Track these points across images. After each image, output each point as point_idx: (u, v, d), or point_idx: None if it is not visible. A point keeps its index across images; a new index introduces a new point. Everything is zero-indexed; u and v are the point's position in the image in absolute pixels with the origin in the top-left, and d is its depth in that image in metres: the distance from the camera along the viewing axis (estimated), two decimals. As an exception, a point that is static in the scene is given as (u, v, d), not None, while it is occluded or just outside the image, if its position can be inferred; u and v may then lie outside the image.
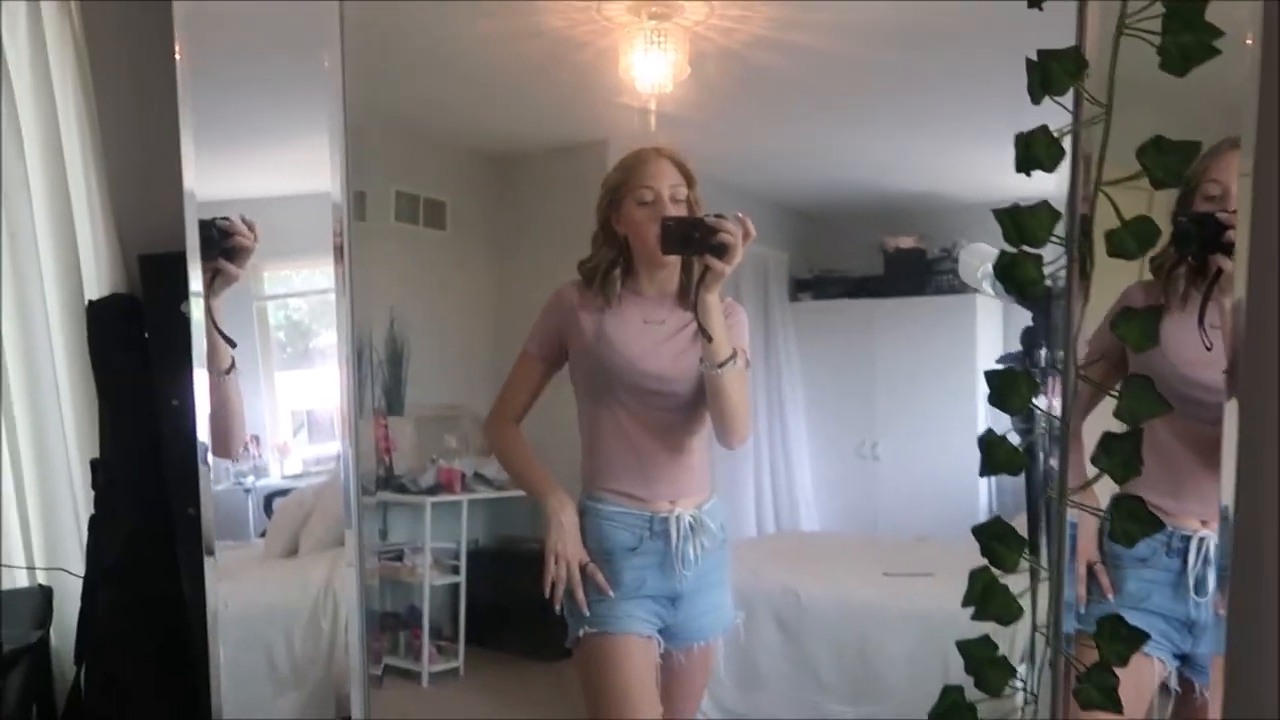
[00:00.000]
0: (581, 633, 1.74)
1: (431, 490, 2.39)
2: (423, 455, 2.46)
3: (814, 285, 3.28)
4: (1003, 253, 0.95)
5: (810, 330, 3.16)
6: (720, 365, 1.57)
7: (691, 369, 1.61)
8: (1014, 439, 1.03)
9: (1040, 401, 1.08)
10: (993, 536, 1.01)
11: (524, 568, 2.66)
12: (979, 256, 1.61)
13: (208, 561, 1.66)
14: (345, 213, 1.75)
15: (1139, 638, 0.97)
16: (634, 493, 1.67)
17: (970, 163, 2.90)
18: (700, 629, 1.73)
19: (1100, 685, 0.97)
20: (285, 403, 2.09)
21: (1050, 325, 1.33)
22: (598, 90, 2.21)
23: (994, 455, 1.01)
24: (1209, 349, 1.25)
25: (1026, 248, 0.93)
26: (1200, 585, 1.47)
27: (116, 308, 1.73)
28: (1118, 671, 1.10)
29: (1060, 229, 0.95)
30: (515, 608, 2.59)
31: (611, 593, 1.67)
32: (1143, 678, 1.43)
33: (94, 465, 1.74)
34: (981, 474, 1.03)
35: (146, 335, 1.70)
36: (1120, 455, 0.95)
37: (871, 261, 3.16)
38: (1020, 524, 2.48)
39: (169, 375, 1.64)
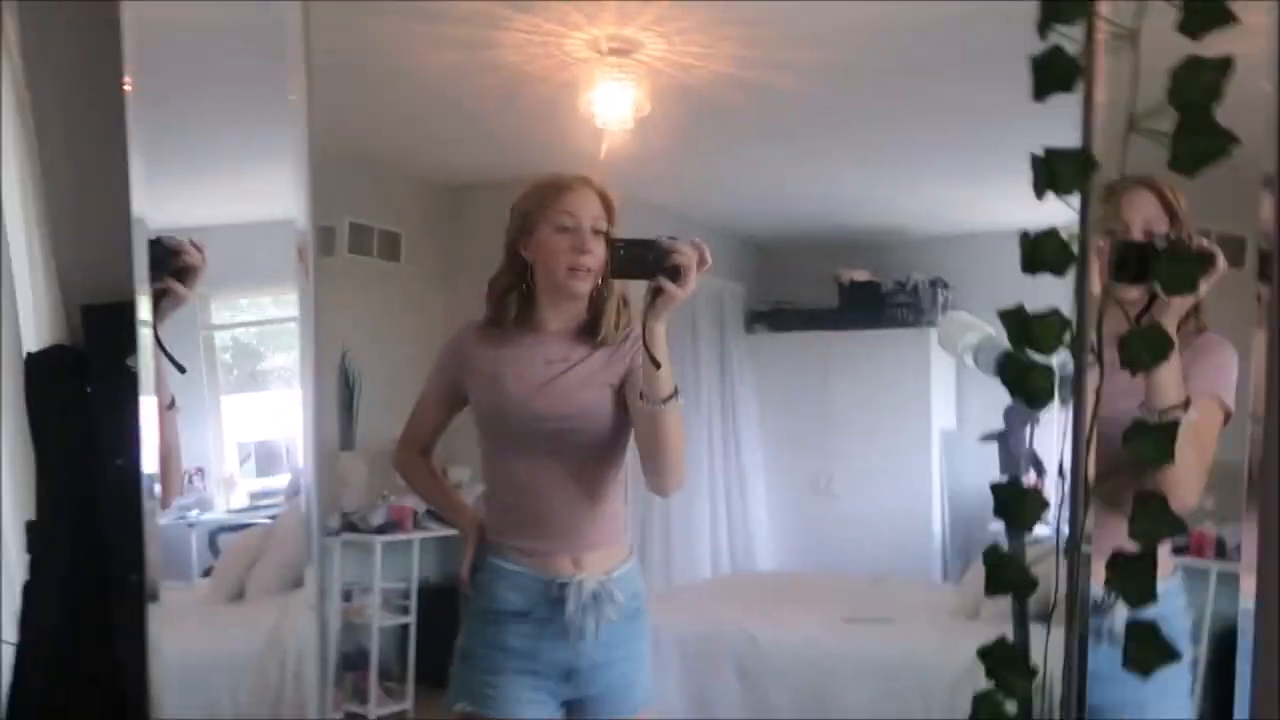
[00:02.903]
0: (459, 708, 1.54)
1: (382, 529, 2.34)
2: (373, 492, 2.41)
3: (769, 317, 3.28)
4: (1009, 356, 0.87)
5: (766, 362, 3.16)
6: (665, 400, 1.40)
7: (595, 407, 1.49)
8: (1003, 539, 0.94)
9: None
10: (998, 661, 0.91)
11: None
12: (960, 327, 1.53)
13: (151, 610, 1.58)
14: (311, 241, 1.69)
15: None
16: (531, 547, 1.51)
17: (923, 198, 2.93)
18: (607, 707, 1.52)
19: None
20: (231, 433, 2.03)
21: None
22: (556, 124, 2.19)
23: (1001, 574, 0.90)
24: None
25: (1035, 355, 0.84)
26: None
27: (56, 361, 1.64)
28: None
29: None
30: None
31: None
32: None
33: (29, 528, 1.66)
34: (988, 593, 0.93)
35: (89, 390, 1.62)
36: (1135, 578, 0.83)
37: (826, 294, 3.17)
38: (975, 573, 2.51)
39: (112, 433, 1.56)
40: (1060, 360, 0.83)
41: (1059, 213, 0.89)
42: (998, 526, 2.93)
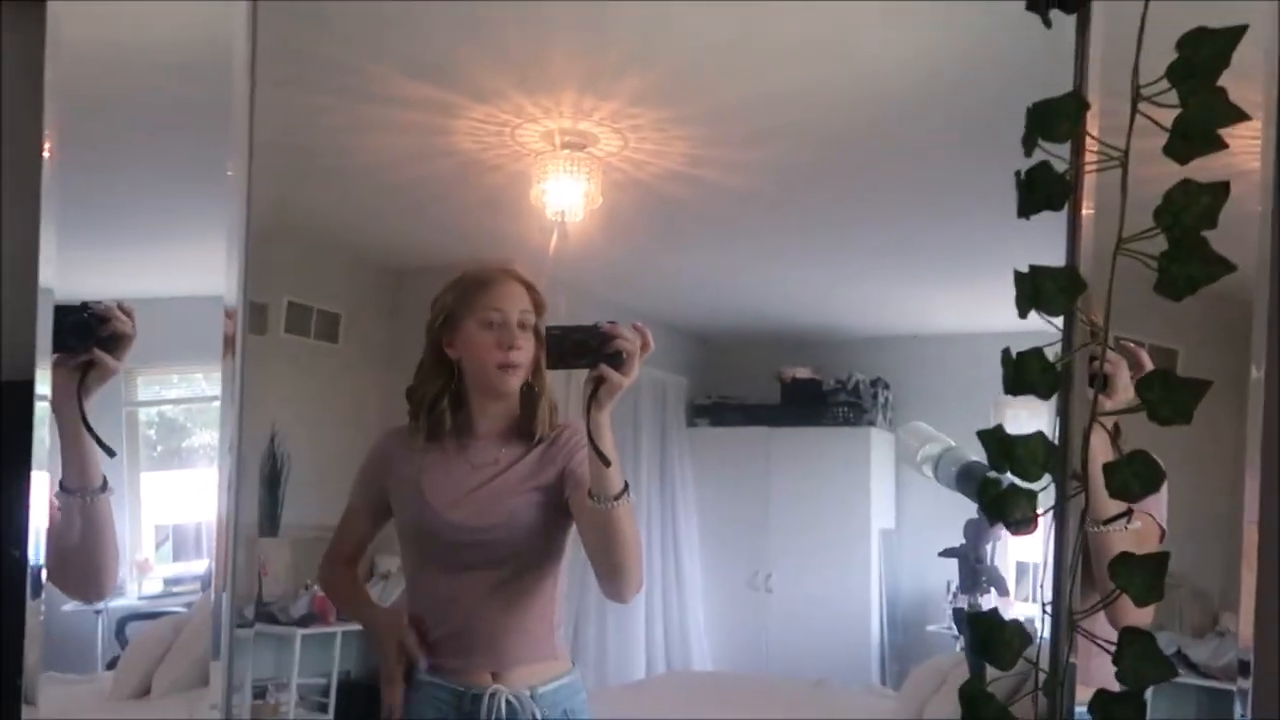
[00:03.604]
0: None
1: (303, 621, 2.23)
2: (297, 580, 2.30)
3: (711, 411, 3.27)
4: (987, 480, 0.80)
5: (706, 456, 3.14)
6: (616, 498, 1.32)
7: (522, 514, 1.43)
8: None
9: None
10: None
11: (399, 703, 2.51)
12: (918, 437, 1.52)
13: (26, 712, 1.45)
14: (241, 319, 1.63)
15: None
16: (450, 664, 1.46)
17: (866, 299, 2.98)
18: None
19: None
20: (149, 514, 1.93)
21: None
22: (506, 213, 2.18)
23: (979, 713, 0.83)
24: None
25: (1017, 480, 0.78)
26: None
27: None
28: None
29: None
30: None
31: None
32: None
33: None
34: None
35: None
36: None
37: (769, 390, 3.18)
38: (916, 679, 2.47)
39: (11, 520, 1.45)
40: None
41: (998, 319, 0.87)
42: (935, 629, 2.91)
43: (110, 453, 1.49)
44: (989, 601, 1.43)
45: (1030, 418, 1.12)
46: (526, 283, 1.51)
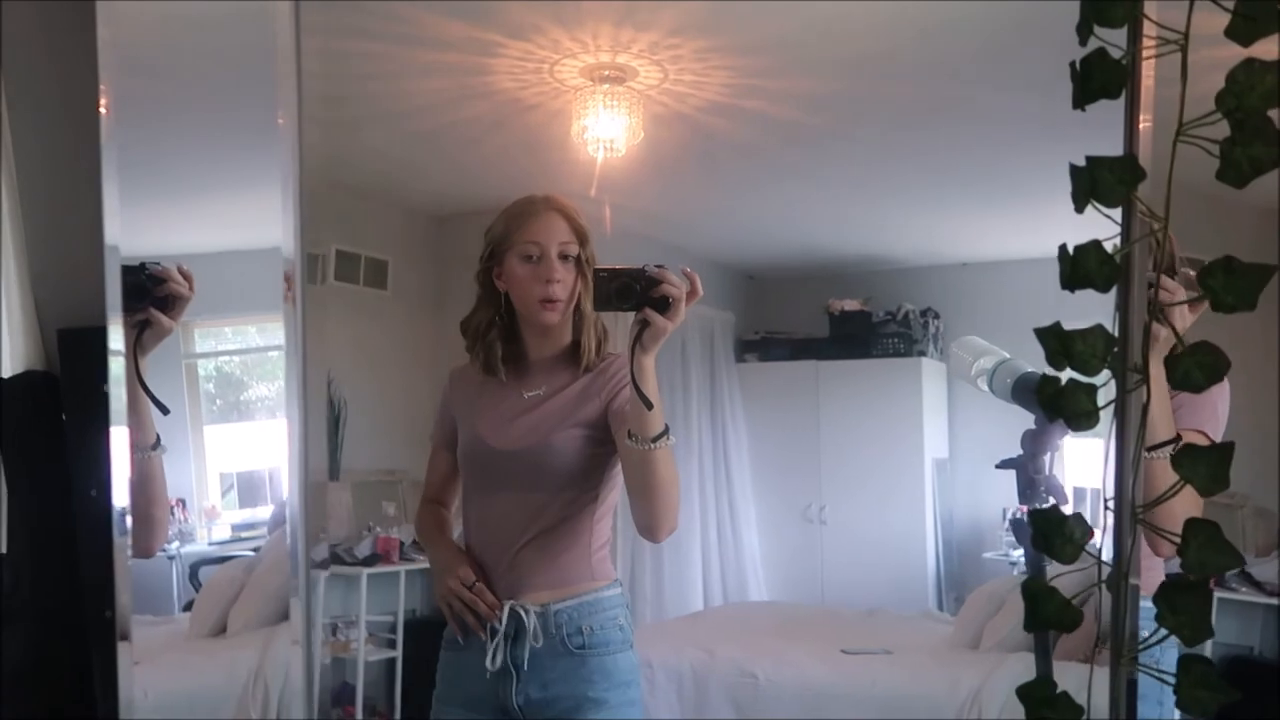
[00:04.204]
0: None
1: (368, 560, 2.29)
2: (359, 523, 2.36)
3: (759, 346, 3.27)
4: (1045, 378, 0.77)
5: (756, 391, 3.14)
6: (655, 440, 1.31)
7: (559, 442, 1.42)
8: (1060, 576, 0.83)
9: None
10: (1040, 701, 0.80)
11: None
12: (971, 351, 1.47)
13: (121, 648, 1.51)
14: (300, 269, 1.64)
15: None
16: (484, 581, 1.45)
17: (915, 229, 2.93)
18: None
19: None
20: (214, 463, 1.99)
21: (1055, 428, 1.18)
22: (547, 151, 2.17)
23: (1042, 608, 0.82)
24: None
25: (1077, 375, 0.75)
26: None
27: (31, 386, 1.58)
28: None
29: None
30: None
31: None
32: None
33: (0, 562, 1.59)
34: (1027, 628, 0.82)
35: (64, 417, 1.56)
36: (1190, 613, 0.76)
37: (817, 323, 3.17)
38: (973, 603, 2.47)
39: (87, 461, 1.49)
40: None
41: (1048, 244, 0.85)
42: (991, 555, 2.89)
43: (164, 410, 1.51)
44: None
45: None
46: (568, 213, 1.48)
